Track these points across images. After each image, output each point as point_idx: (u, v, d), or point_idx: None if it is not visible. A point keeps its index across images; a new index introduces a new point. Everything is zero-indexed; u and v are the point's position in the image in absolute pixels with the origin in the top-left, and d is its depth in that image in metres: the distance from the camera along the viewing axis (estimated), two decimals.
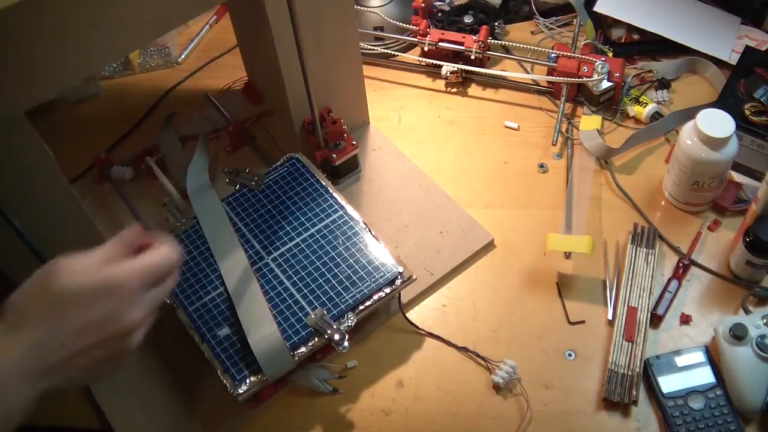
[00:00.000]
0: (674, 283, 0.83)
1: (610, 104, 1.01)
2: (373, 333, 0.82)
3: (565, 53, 1.01)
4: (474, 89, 1.06)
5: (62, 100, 1.07)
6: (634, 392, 0.74)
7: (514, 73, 1.05)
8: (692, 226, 0.88)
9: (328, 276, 0.78)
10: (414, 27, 1.08)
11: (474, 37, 1.05)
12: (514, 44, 1.07)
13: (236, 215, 0.84)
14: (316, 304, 0.75)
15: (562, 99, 1.00)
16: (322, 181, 0.86)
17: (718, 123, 0.81)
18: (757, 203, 0.79)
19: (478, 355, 0.79)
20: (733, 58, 1.02)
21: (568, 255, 0.87)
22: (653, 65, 1.05)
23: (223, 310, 0.76)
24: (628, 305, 0.81)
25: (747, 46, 0.98)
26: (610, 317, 0.81)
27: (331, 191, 0.85)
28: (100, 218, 0.89)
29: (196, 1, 0.72)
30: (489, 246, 0.88)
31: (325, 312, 0.75)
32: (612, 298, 0.82)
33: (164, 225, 0.88)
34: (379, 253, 0.79)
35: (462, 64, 1.05)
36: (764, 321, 0.74)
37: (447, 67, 1.04)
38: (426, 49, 1.06)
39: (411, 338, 0.81)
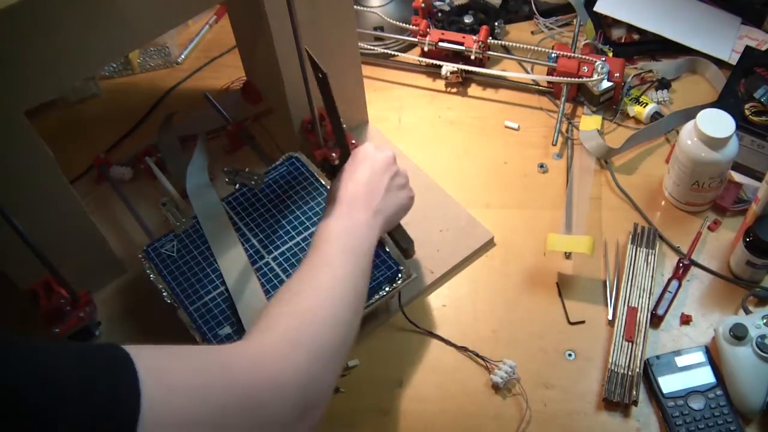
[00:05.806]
0: (674, 283, 0.83)
1: (610, 104, 1.01)
2: (374, 332, 0.82)
3: (565, 53, 1.01)
4: (474, 89, 1.06)
5: (62, 100, 1.06)
6: (634, 392, 0.74)
7: (514, 73, 1.05)
8: (692, 226, 0.88)
9: None
10: (414, 27, 1.08)
11: (474, 37, 1.04)
12: (514, 44, 1.07)
13: (236, 214, 0.84)
14: None
15: (562, 99, 1.00)
16: (321, 180, 0.86)
17: (718, 123, 0.81)
18: (757, 203, 0.79)
19: (477, 355, 0.79)
20: (733, 58, 1.02)
21: (568, 255, 0.87)
22: (653, 65, 1.05)
23: (224, 309, 0.76)
24: (628, 305, 0.81)
25: (747, 46, 0.98)
26: (610, 317, 0.81)
27: None
28: (100, 218, 0.89)
29: (195, 1, 0.72)
30: (489, 244, 0.88)
31: None
32: (612, 298, 0.82)
33: (164, 225, 0.88)
34: (379, 250, 0.79)
35: (462, 64, 1.05)
36: (764, 321, 0.74)
37: (447, 67, 1.04)
38: (426, 49, 1.06)
39: (411, 337, 0.81)
